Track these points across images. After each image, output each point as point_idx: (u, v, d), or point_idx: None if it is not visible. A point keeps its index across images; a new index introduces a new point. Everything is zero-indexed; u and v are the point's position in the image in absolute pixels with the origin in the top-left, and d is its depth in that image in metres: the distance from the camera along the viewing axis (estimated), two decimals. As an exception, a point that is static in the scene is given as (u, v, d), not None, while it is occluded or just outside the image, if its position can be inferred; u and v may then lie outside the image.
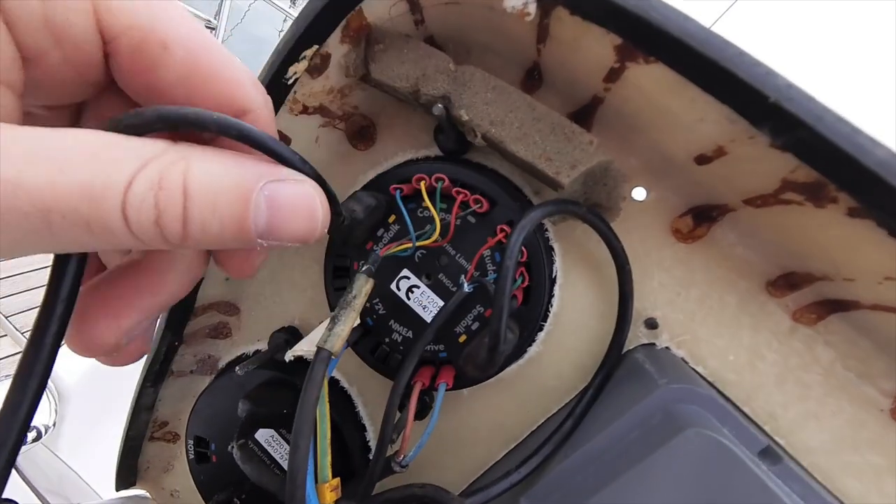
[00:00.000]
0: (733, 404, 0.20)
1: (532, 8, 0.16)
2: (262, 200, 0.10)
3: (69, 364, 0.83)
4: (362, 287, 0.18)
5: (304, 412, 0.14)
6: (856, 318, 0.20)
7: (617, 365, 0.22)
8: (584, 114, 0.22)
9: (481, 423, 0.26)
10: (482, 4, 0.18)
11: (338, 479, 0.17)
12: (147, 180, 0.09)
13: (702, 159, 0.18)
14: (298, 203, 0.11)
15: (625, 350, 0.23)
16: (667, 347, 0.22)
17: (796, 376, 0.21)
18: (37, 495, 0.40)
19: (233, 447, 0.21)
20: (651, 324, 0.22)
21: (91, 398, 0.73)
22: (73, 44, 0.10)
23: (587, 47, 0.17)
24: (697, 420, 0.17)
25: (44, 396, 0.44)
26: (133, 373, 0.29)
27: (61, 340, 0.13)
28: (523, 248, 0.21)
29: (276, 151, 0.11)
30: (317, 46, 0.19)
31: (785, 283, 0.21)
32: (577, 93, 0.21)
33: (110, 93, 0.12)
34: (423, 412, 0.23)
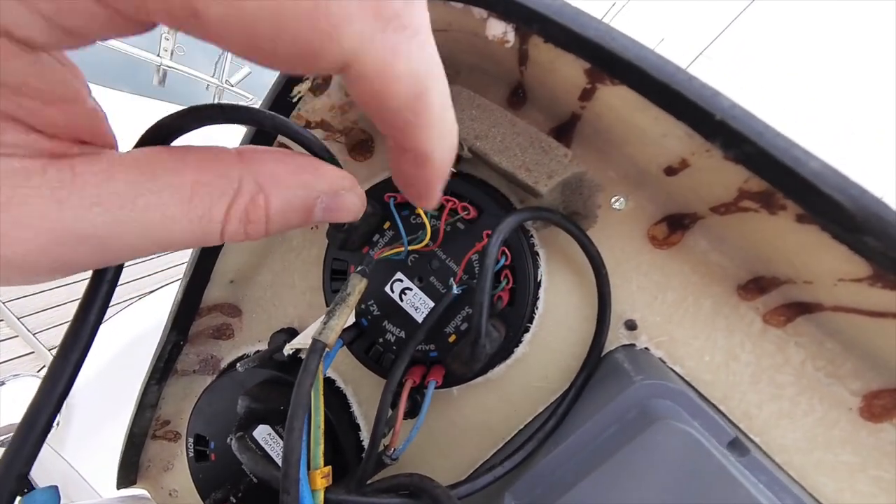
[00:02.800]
0: (706, 400, 0.21)
1: (511, 36, 0.18)
2: (320, 210, 0.13)
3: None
4: (356, 286, 0.20)
5: (298, 398, 0.16)
6: (821, 320, 0.21)
7: (597, 365, 0.23)
8: (565, 129, 0.23)
9: (470, 423, 0.27)
10: (468, 31, 0.20)
11: (329, 468, 0.18)
12: (237, 219, 0.12)
13: (670, 171, 0.20)
14: (345, 208, 0.14)
15: (607, 350, 0.24)
16: (646, 348, 0.23)
17: (769, 376, 0.22)
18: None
19: (231, 440, 0.22)
20: (631, 325, 0.24)
21: (98, 401, 0.74)
22: None
23: (562, 70, 0.19)
24: (669, 413, 0.18)
25: None
26: (140, 377, 0.30)
27: (91, 344, 0.14)
28: (507, 251, 0.22)
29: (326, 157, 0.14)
30: None
31: (754, 286, 0.22)
32: (558, 110, 0.23)
33: None
34: (414, 410, 0.24)
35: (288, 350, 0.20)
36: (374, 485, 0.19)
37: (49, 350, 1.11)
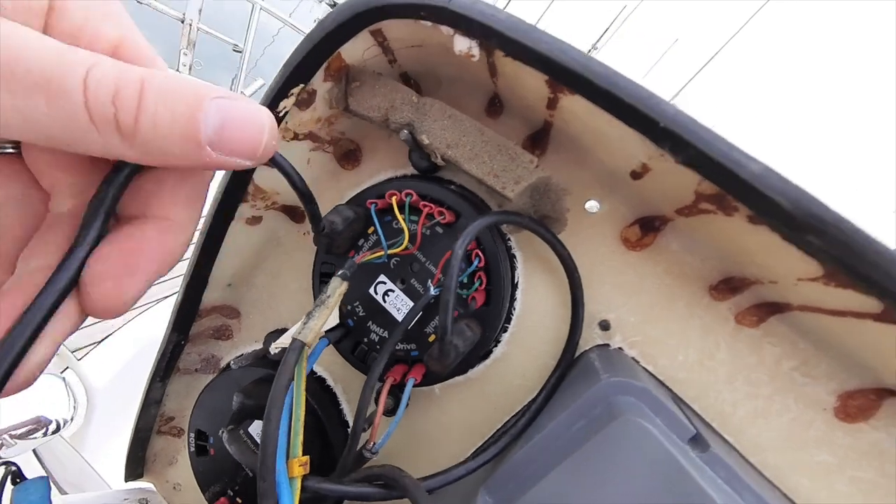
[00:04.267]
0: (676, 398, 0.22)
1: (475, 51, 0.19)
2: (213, 107, 0.11)
3: (100, 367, 0.88)
4: (336, 289, 0.21)
5: (276, 391, 0.17)
6: (792, 320, 0.21)
7: (572, 365, 0.24)
8: (540, 135, 0.24)
9: (452, 420, 0.27)
10: (440, 46, 0.21)
11: (307, 457, 0.19)
12: (107, 68, 0.10)
13: (635, 175, 0.20)
14: (248, 116, 0.11)
15: (582, 349, 0.25)
16: (619, 348, 0.24)
17: (744, 376, 0.22)
18: (54, 484, 0.44)
19: (223, 432, 0.24)
20: (605, 325, 0.24)
21: (116, 403, 0.77)
22: None
23: (527, 81, 0.20)
24: (631, 410, 0.19)
25: (64, 392, 0.47)
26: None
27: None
28: (481, 254, 0.23)
29: (277, 162, 0.14)
30: (302, 85, 0.22)
31: (726, 287, 0.22)
32: (532, 117, 0.24)
33: None
34: (396, 407, 0.25)
35: (273, 350, 0.21)
36: (351, 476, 0.20)
37: (72, 352, 1.17)
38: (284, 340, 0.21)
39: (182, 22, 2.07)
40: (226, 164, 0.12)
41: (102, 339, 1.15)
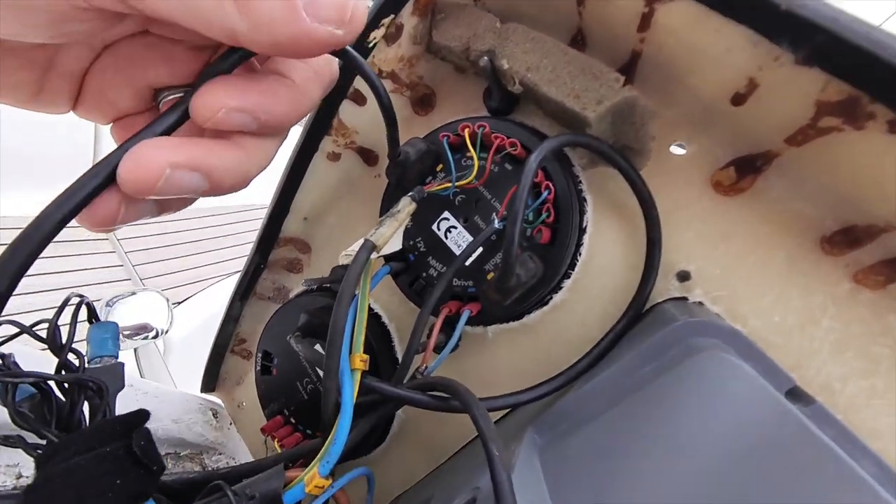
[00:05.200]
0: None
1: None
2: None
3: (178, 324, 1.02)
4: (406, 206, 0.22)
5: (349, 279, 0.18)
6: None
7: (641, 314, 0.22)
8: (626, 70, 0.23)
9: (504, 366, 0.27)
10: None
11: (367, 356, 0.20)
12: None
13: (737, 99, 0.18)
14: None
15: (655, 302, 0.23)
16: (700, 302, 0.22)
17: (859, 347, 0.19)
18: (141, 376, 0.52)
19: (290, 337, 0.26)
20: (683, 276, 0.22)
21: (192, 356, 0.89)
22: None
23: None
24: (716, 349, 0.17)
25: (165, 307, 0.54)
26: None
27: None
28: (552, 185, 0.22)
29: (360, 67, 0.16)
30: (393, 15, 0.24)
31: (843, 239, 0.19)
32: (618, 49, 0.22)
33: None
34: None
35: (344, 257, 0.23)
36: (408, 383, 0.21)
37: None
38: (354, 248, 0.22)
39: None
40: (321, 35, 0.13)
41: (181, 302, 1.33)
